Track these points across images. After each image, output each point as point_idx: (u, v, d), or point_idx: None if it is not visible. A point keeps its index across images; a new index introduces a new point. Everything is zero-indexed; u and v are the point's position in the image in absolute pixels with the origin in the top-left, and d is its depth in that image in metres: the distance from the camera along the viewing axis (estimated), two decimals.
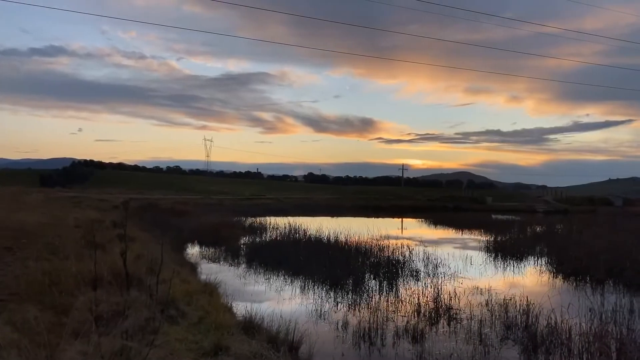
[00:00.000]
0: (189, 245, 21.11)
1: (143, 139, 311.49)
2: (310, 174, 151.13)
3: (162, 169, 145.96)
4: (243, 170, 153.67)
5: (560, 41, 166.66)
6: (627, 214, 51.90)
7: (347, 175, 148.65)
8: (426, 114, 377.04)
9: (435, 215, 49.74)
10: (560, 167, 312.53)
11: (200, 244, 21.07)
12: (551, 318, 8.48)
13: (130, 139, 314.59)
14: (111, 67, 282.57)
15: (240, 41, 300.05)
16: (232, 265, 16.40)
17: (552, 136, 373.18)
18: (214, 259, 17.62)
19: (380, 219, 43.44)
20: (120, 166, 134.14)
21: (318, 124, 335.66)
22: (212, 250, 19.32)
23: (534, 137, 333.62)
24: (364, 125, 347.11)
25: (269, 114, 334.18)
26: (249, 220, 30.78)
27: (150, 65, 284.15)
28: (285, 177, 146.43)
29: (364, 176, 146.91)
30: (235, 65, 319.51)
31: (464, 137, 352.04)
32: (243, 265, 16.30)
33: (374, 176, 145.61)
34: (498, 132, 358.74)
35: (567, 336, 7.90)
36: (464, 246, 23.46)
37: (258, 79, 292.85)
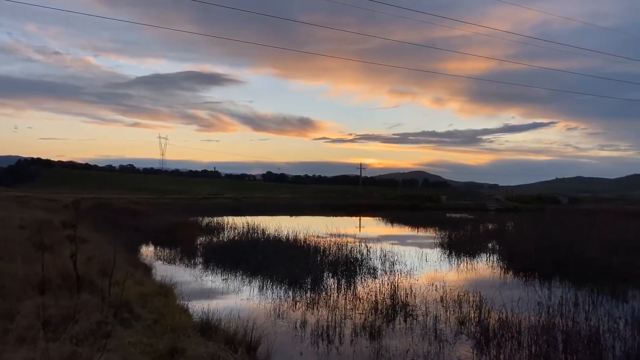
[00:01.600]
0: (144, 246, 20.58)
1: (78, 137, 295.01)
2: (269, 173, 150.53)
3: (115, 167, 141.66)
4: (199, 169, 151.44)
5: (470, 44, 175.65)
6: (573, 211, 54.43)
7: (306, 175, 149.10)
8: (359, 115, 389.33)
9: (392, 213, 50.55)
10: (507, 167, 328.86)
11: (156, 245, 20.57)
12: (502, 312, 8.79)
13: (77, 137, 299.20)
14: (22, 61, 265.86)
15: (150, 39, 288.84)
16: (188, 266, 16.11)
17: (485, 137, 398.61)
18: (170, 260, 17.26)
19: (339, 218, 43.74)
20: (70, 165, 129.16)
21: (255, 122, 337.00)
22: (167, 251, 18.91)
23: (468, 138, 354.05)
24: (303, 125, 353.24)
25: (204, 112, 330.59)
26: (206, 220, 30.31)
27: (63, 61, 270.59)
28: (243, 176, 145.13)
29: (322, 175, 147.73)
30: (154, 64, 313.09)
31: (403, 138, 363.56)
32: (200, 266, 16.04)
33: (331, 175, 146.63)
34: (434, 133, 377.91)
35: (517, 329, 8.20)
36: (420, 244, 23.95)
37: (185, 77, 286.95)
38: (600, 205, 72.32)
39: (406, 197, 79.85)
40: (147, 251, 19.40)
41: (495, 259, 18.48)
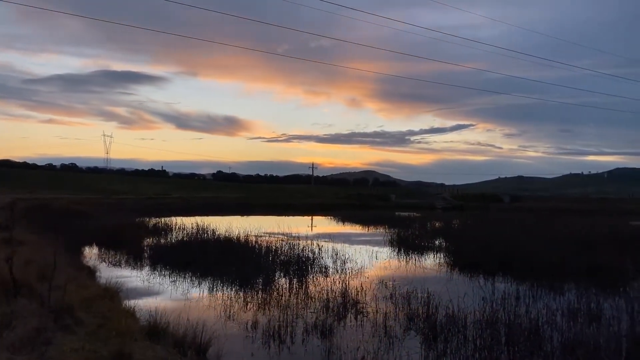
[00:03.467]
0: (88, 248, 19.77)
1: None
2: (220, 172, 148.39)
3: (55, 166, 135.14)
4: (146, 168, 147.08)
5: (369, 48, 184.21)
6: (514, 209, 56.98)
7: (258, 174, 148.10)
8: (283, 114, 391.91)
9: (344, 212, 51.05)
10: (450, 167, 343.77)
11: (100, 247, 19.81)
12: (449, 308, 9.06)
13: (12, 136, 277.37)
14: None
15: (32, 33, 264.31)
16: (135, 268, 15.62)
17: (413, 137, 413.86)
18: (116, 262, 16.67)
19: (291, 217, 43.70)
20: (6, 163, 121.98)
21: (179, 120, 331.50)
22: (113, 253, 18.24)
23: (397, 139, 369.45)
24: (230, 123, 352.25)
25: (123, 109, 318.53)
26: (154, 220, 29.48)
27: None
28: (192, 175, 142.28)
29: (274, 174, 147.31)
30: (48, 59, 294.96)
31: (335, 138, 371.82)
32: (147, 268, 15.59)
33: (283, 175, 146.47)
34: (364, 134, 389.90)
35: (463, 324, 8.49)
36: (371, 242, 24.31)
37: (96, 74, 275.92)
38: (540, 203, 76.13)
39: (357, 197, 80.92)
40: (91, 254, 18.66)
41: (443, 256, 19.03)
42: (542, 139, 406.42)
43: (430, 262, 18.22)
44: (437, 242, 22.31)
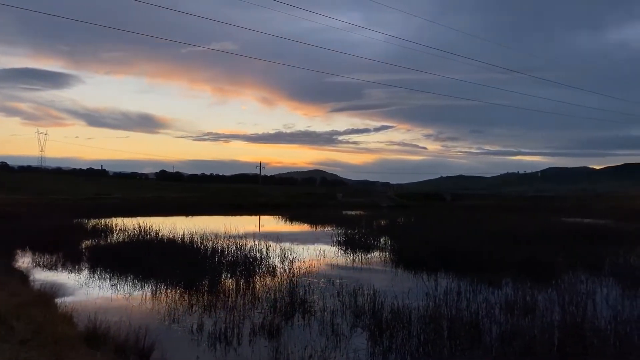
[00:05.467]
0: (20, 252, 18.66)
1: None
2: (163, 171, 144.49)
3: None
4: (84, 167, 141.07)
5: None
6: (455, 207, 59.04)
7: (203, 173, 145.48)
8: (197, 111, 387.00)
9: (292, 211, 51.00)
10: (390, 166, 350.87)
11: (34, 251, 18.72)
12: (394, 304, 9.24)
13: None
14: None
15: None
16: (72, 272, 14.92)
17: (341, 137, 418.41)
18: (51, 266, 15.85)
19: (238, 217, 43.21)
20: None
21: (91, 117, 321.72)
22: (47, 256, 17.32)
23: (326, 139, 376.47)
24: (146, 121, 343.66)
25: (26, 105, 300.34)
26: (93, 221, 28.27)
27: None
28: (134, 175, 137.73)
29: (220, 174, 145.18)
30: None
31: (263, 137, 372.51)
32: (86, 272, 14.94)
33: (229, 174, 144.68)
34: (292, 134, 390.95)
35: (408, 320, 8.68)
36: (318, 241, 24.40)
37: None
38: (480, 201, 79.32)
39: (305, 196, 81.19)
40: (24, 258, 17.63)
41: (388, 254, 19.39)
42: (459, 140, 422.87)
43: (376, 259, 18.52)
44: (382, 240, 22.71)
